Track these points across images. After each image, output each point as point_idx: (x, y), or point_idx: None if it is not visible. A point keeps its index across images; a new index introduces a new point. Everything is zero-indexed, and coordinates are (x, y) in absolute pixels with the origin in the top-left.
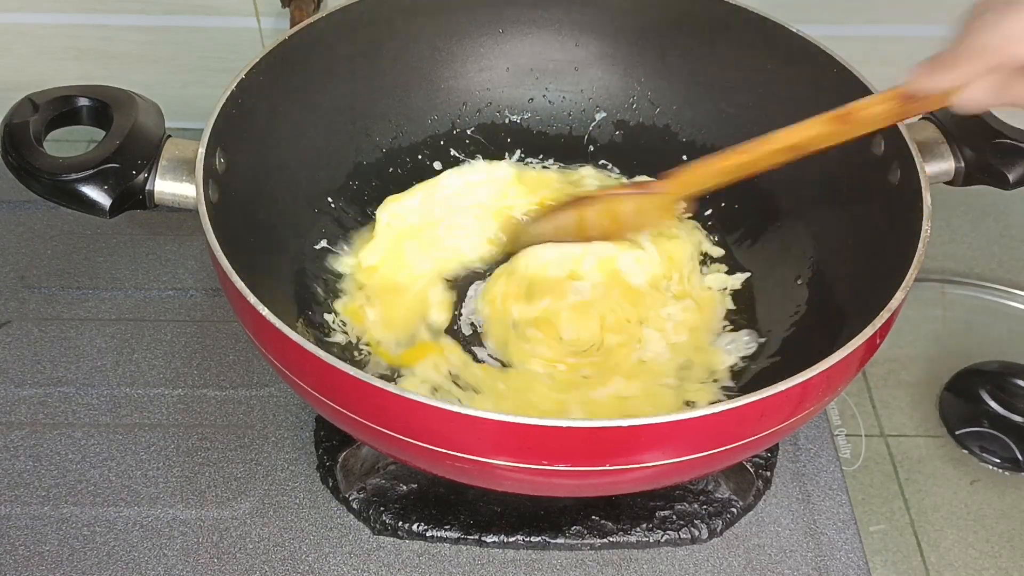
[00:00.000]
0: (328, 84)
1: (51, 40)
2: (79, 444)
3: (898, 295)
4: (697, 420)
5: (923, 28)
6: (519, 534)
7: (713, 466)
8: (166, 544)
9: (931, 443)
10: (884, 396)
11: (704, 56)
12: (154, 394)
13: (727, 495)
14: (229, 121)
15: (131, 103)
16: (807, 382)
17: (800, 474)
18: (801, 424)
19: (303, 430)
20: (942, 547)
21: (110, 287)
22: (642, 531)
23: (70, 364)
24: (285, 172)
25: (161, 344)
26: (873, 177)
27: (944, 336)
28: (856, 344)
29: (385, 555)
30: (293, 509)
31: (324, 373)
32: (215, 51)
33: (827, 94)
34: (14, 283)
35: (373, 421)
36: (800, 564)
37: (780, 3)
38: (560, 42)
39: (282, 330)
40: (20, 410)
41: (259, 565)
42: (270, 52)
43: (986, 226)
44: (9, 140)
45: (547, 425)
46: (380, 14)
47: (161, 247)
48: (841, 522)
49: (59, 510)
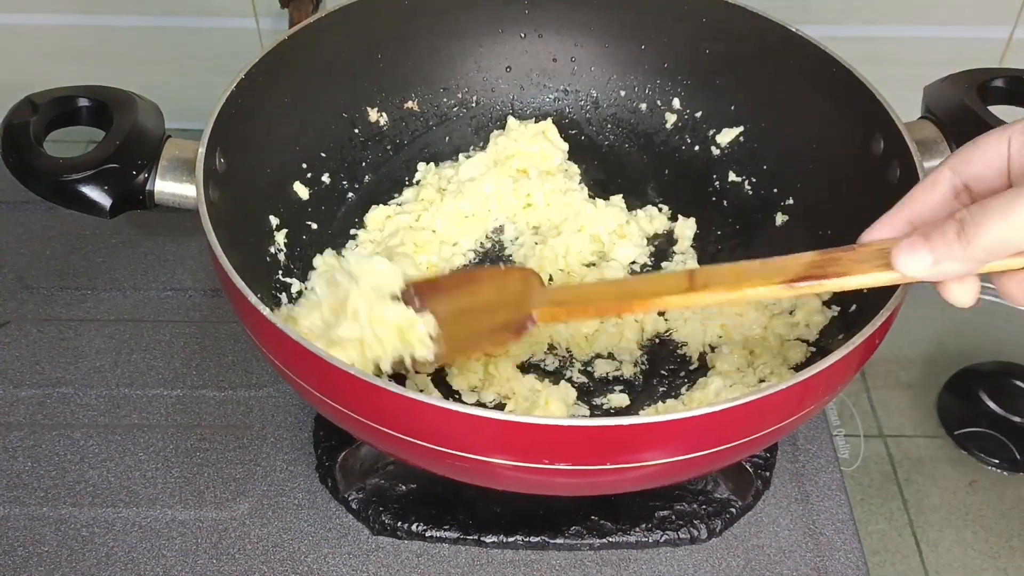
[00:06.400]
0: (327, 85)
1: (51, 40)
2: (78, 445)
3: (897, 295)
4: (697, 419)
5: (923, 28)
6: (518, 534)
7: (713, 465)
8: (165, 545)
9: (930, 443)
10: (883, 396)
11: (703, 56)
12: (153, 395)
13: (726, 495)
14: (229, 121)
15: (131, 103)
16: (806, 382)
17: (799, 474)
18: (800, 424)
19: (302, 430)
20: (941, 547)
21: (109, 287)
22: (641, 531)
23: (69, 365)
24: (285, 172)
25: (160, 345)
26: (873, 176)
27: (943, 336)
28: (855, 344)
29: (384, 555)
30: (292, 509)
31: (325, 372)
32: (214, 52)
33: (827, 94)
34: (13, 284)
35: (374, 420)
36: (799, 564)
37: (780, 3)
38: (560, 42)
39: (283, 330)
40: (19, 411)
41: (258, 566)
42: (269, 53)
43: None
44: (9, 140)
45: (547, 424)
46: (380, 14)
47: (160, 247)
48: (840, 522)
49: (58, 511)
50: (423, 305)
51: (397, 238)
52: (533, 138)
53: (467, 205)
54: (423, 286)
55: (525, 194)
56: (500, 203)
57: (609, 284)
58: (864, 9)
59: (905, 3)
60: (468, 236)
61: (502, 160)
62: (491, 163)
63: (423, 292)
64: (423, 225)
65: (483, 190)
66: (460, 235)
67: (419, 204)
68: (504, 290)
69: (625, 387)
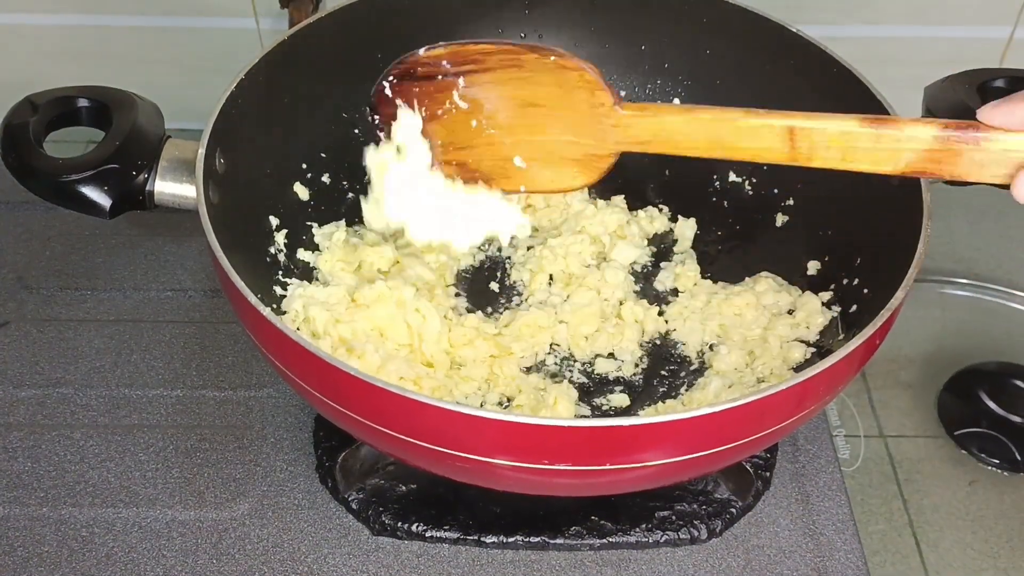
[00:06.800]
0: (327, 85)
1: (51, 40)
2: (78, 445)
3: (898, 295)
4: (697, 420)
5: (923, 28)
6: (518, 535)
7: (713, 466)
8: (165, 545)
9: (930, 444)
10: (883, 397)
11: (703, 56)
12: (153, 395)
13: (726, 495)
14: (229, 122)
15: (131, 104)
16: (807, 382)
17: (799, 475)
18: (800, 424)
19: (302, 431)
20: (941, 547)
21: (109, 288)
22: (641, 531)
23: (69, 365)
24: (284, 173)
25: (160, 345)
26: (873, 177)
27: (943, 337)
28: (855, 344)
29: (384, 556)
30: (292, 510)
31: (325, 373)
32: (214, 52)
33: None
34: (13, 284)
35: (375, 421)
36: (799, 564)
37: (780, 3)
38: (560, 42)
39: (283, 330)
40: (19, 411)
41: (258, 566)
42: (269, 53)
43: (985, 226)
44: (9, 141)
45: (548, 425)
46: (380, 14)
47: (160, 248)
48: (840, 522)
49: (58, 511)
50: (464, 91)
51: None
52: None
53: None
54: (454, 55)
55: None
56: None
57: (699, 122)
58: (864, 9)
59: (905, 3)
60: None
61: None
62: None
63: (458, 65)
64: None
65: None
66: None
67: None
68: (569, 96)
69: (625, 387)
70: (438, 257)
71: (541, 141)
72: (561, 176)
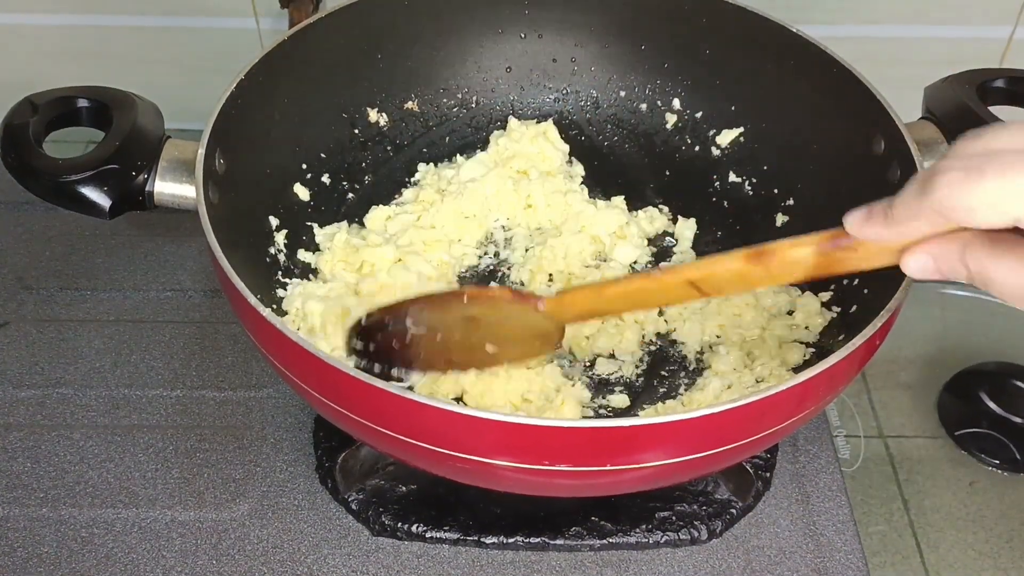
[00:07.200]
0: (327, 85)
1: (50, 41)
2: (77, 445)
3: (897, 295)
4: (697, 420)
5: (923, 28)
6: (518, 535)
7: (713, 466)
8: (164, 546)
9: (930, 444)
10: (883, 397)
11: (704, 56)
12: (152, 395)
13: (726, 496)
14: (229, 122)
15: (130, 104)
16: (807, 382)
17: (799, 475)
18: (801, 424)
19: (302, 431)
20: (941, 548)
21: (108, 288)
22: (641, 532)
23: (68, 365)
24: (284, 173)
25: (159, 345)
26: (873, 177)
27: (943, 337)
28: (856, 345)
29: (384, 556)
30: (292, 510)
31: (325, 374)
32: (214, 52)
33: (827, 94)
34: (12, 284)
35: (374, 422)
36: (799, 565)
37: (780, 3)
38: (560, 42)
39: (283, 331)
40: (18, 411)
41: (258, 567)
42: (269, 53)
43: None
44: (9, 141)
45: (548, 425)
46: (380, 14)
47: (160, 248)
48: (840, 523)
49: (57, 512)
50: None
51: (406, 237)
52: (534, 139)
53: (467, 206)
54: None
55: (525, 195)
56: (500, 204)
57: (609, 300)
58: (864, 9)
59: (905, 3)
60: (468, 237)
61: (503, 161)
62: (491, 164)
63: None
64: (422, 225)
65: (483, 191)
66: (460, 236)
67: (419, 205)
68: (502, 309)
69: (625, 388)
70: (440, 256)
71: (502, 334)
72: (530, 348)
